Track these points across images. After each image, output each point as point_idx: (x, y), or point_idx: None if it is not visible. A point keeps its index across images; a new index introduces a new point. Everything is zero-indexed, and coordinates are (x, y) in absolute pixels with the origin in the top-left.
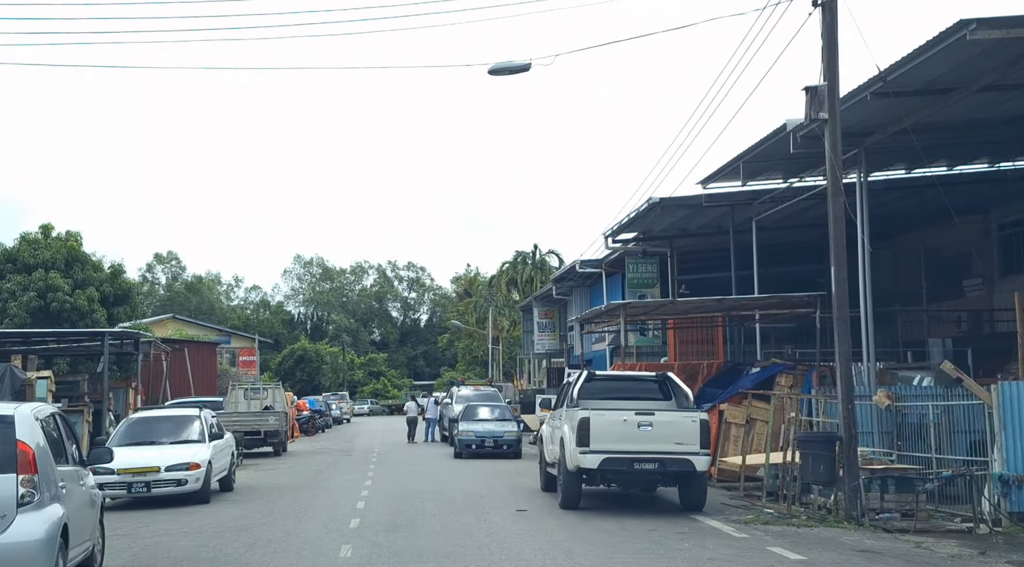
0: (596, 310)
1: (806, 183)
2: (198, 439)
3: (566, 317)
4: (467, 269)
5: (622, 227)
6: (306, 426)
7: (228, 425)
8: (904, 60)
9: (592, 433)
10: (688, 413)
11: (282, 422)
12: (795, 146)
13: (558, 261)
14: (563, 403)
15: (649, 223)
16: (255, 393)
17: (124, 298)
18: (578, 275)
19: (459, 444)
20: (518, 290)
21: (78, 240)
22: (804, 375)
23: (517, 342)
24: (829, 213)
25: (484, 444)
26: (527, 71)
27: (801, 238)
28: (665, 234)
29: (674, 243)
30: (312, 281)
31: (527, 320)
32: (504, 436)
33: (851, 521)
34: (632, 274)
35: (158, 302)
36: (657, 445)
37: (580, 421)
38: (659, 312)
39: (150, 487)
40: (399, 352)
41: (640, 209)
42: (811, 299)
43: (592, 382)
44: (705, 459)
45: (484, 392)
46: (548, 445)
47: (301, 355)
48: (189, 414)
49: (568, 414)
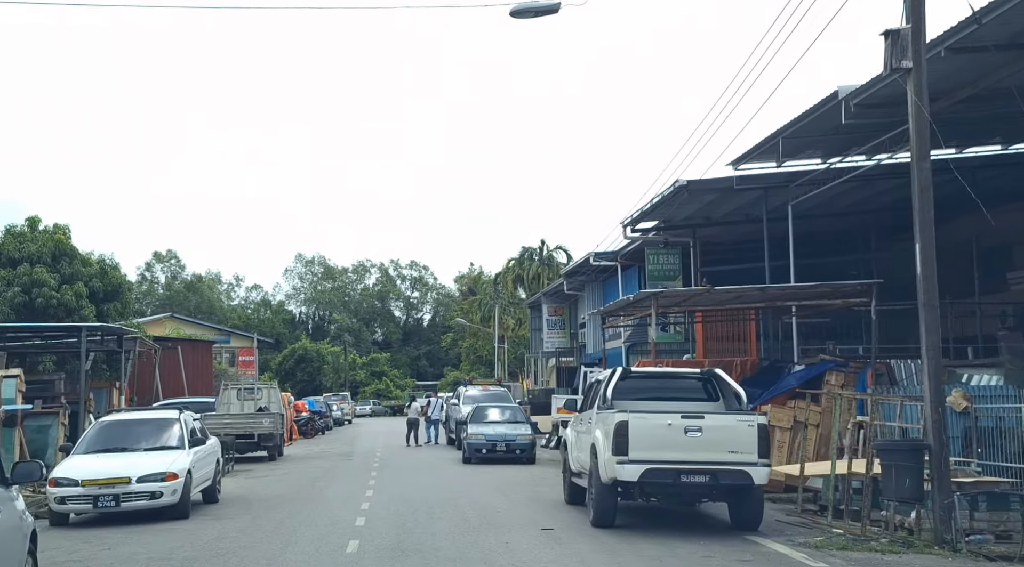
0: (623, 301)
1: (846, 164)
2: (177, 445)
3: (577, 314)
4: (470, 268)
5: (643, 214)
6: (305, 428)
7: (219, 428)
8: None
9: (631, 439)
10: (743, 416)
11: (277, 424)
12: (847, 116)
13: (566, 257)
14: (592, 404)
15: (671, 211)
16: (249, 393)
17: (115, 294)
18: (591, 269)
19: (468, 448)
20: (525, 287)
21: (66, 233)
22: (857, 373)
23: (522, 341)
24: (913, 182)
25: (495, 448)
26: (555, 13)
27: (831, 228)
28: (688, 223)
29: (697, 232)
30: (314, 280)
31: (535, 317)
32: (517, 440)
33: (943, 545)
34: (653, 265)
35: (157, 301)
36: (708, 454)
37: (617, 425)
38: (693, 303)
39: (119, 501)
40: (402, 352)
41: (664, 194)
42: (865, 287)
43: (627, 380)
44: (765, 471)
45: (493, 392)
46: (574, 452)
47: (302, 355)
48: (167, 417)
49: (600, 417)
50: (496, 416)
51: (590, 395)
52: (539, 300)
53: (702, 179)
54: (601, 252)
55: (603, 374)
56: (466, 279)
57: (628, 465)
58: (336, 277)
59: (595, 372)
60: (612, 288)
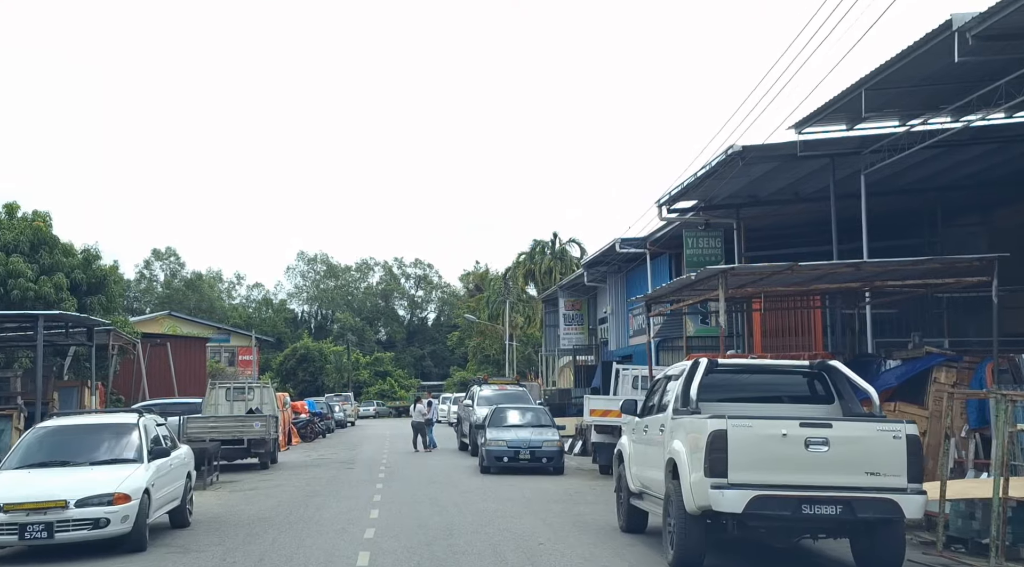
0: (680, 281)
1: (930, 126)
2: (132, 457)
3: (596, 309)
4: (476, 266)
5: (684, 191)
6: (304, 431)
7: (203, 432)
8: None
9: (732, 456)
10: (886, 424)
11: (270, 428)
12: (962, 51)
13: (579, 251)
14: (661, 407)
15: (714, 187)
16: (239, 393)
17: (99, 286)
18: (616, 258)
19: (487, 456)
20: (536, 283)
21: (46, 221)
22: (973, 369)
23: (531, 340)
24: None
25: (518, 456)
26: None
27: (892, 208)
28: (730, 202)
29: (741, 213)
30: (316, 278)
31: (550, 313)
32: (543, 446)
33: None
34: (691, 250)
35: (156, 300)
36: (839, 476)
37: (712, 437)
38: (770, 282)
39: (53, 531)
40: (406, 352)
41: (711, 166)
42: (986, 263)
43: (715, 374)
44: (918, 500)
45: (510, 392)
46: (634, 468)
47: (304, 354)
48: (122, 422)
49: (681, 425)
50: (517, 419)
51: (656, 395)
52: (556, 294)
53: (761, 145)
54: (628, 238)
55: (674, 369)
56: (473, 276)
57: (728, 491)
58: (339, 275)
59: (629, 369)
60: (638, 279)
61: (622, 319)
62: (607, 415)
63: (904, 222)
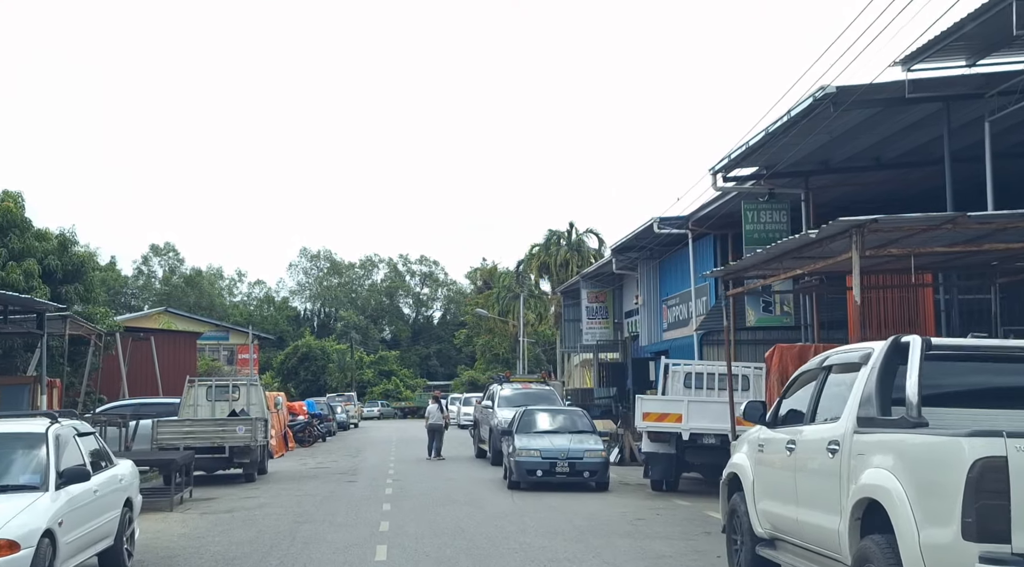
0: (794, 241)
1: None
2: (32, 484)
3: (622, 302)
4: (483, 263)
5: (747, 153)
6: (301, 435)
7: (176, 439)
8: None
9: (1018, 504)
10: None
11: (257, 433)
12: None
13: (597, 242)
14: (821, 413)
15: (776, 154)
16: (223, 392)
17: (76, 274)
18: (650, 242)
19: (516, 469)
20: (551, 276)
21: (17, 201)
22: None
23: (541, 338)
24: None
25: (555, 469)
26: None
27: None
28: (797, 169)
29: (810, 182)
30: (319, 276)
31: (569, 306)
32: (584, 457)
33: None
34: (752, 224)
35: (154, 297)
36: None
37: (981, 469)
38: (922, 240)
39: None
40: (411, 351)
41: (792, 115)
42: None
43: (936, 362)
44: None
45: (535, 392)
46: (763, 502)
47: (305, 353)
48: (24, 432)
49: (887, 444)
50: (550, 423)
51: (802, 394)
52: (576, 285)
53: (861, 85)
54: (668, 217)
55: (841, 354)
56: (480, 272)
57: None
58: (343, 272)
59: (681, 365)
60: (677, 265)
61: (655, 311)
62: (664, 420)
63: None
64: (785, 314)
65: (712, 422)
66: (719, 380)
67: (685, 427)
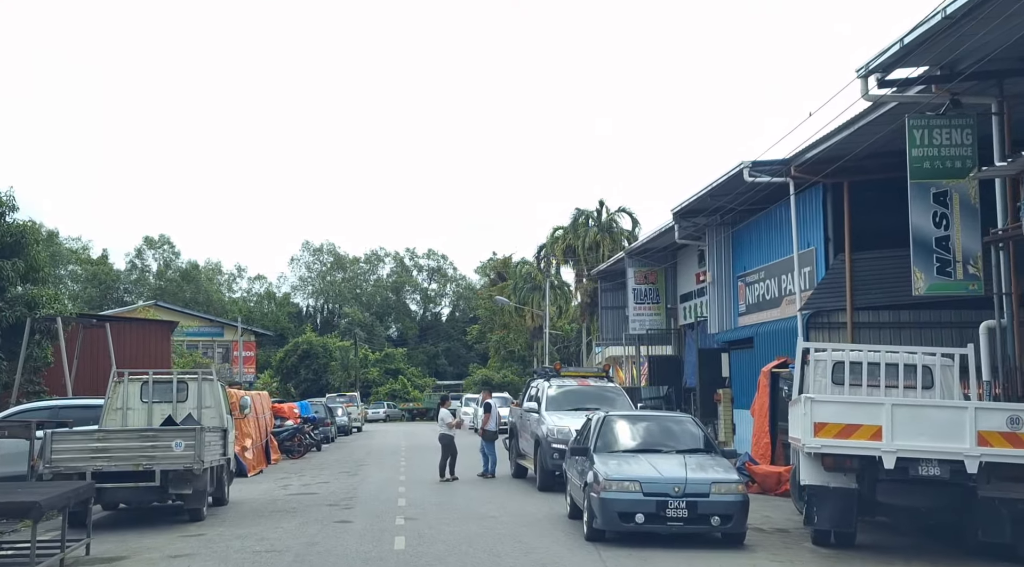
0: None
1: None
2: None
3: (675, 283)
4: (492, 256)
5: (909, 47)
6: (288, 444)
7: (80, 460)
8: None
9: None
10: None
11: (204, 451)
12: None
13: (631, 222)
14: None
15: (956, 44)
16: (165, 391)
17: (15, 248)
18: (734, 199)
19: (603, 511)
20: (579, 260)
21: None
22: None
23: (562, 334)
24: None
25: (665, 513)
26: None
27: None
28: (988, 68)
29: (1005, 88)
30: (322, 270)
31: (608, 292)
32: (711, 494)
33: None
34: (919, 148)
35: (149, 291)
36: None
37: None
38: None
39: None
40: (418, 349)
41: None
42: None
43: None
44: None
45: (596, 390)
46: None
47: (306, 350)
48: None
49: None
50: (645, 437)
51: None
52: (618, 265)
53: None
54: (762, 161)
55: None
56: (493, 264)
57: None
58: (347, 267)
59: (827, 350)
60: (757, 233)
61: (728, 290)
62: (853, 435)
63: None
64: (971, 278)
65: (933, 440)
66: (886, 373)
67: (890, 448)
